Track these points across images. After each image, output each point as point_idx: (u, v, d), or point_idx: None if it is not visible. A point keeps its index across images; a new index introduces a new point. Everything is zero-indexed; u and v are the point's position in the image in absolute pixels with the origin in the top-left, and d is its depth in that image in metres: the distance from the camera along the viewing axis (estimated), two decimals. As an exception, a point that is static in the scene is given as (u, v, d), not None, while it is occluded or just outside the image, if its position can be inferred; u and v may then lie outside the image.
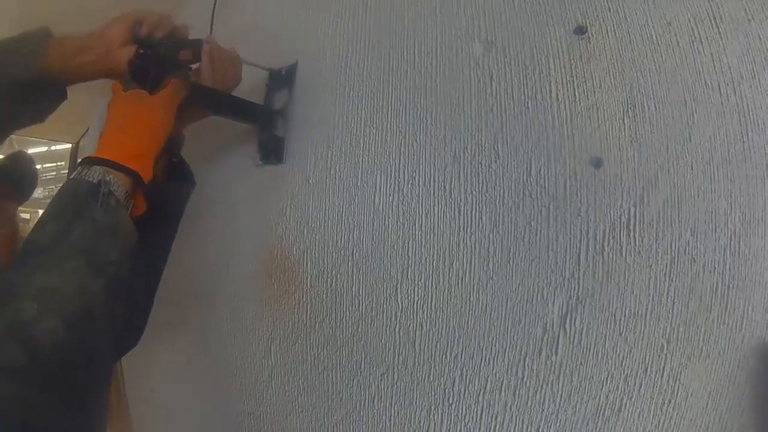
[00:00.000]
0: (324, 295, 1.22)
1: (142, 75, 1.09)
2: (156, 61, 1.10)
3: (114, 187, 0.95)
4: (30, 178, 1.14)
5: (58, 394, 0.80)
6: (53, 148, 7.24)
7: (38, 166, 1.19)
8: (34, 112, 1.15)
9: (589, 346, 0.84)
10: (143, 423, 2.25)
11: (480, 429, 0.95)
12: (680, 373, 0.77)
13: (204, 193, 1.32)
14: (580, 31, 0.90)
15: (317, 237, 1.26)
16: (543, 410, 0.88)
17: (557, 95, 0.91)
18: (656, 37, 0.83)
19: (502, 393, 0.92)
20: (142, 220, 1.08)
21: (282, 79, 1.43)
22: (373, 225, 1.14)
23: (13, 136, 1.20)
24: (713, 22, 0.78)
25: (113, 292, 0.92)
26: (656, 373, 0.78)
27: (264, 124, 1.42)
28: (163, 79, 1.10)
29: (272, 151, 1.41)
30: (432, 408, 1.02)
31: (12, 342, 0.76)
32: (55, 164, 7.31)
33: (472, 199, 0.99)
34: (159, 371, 1.96)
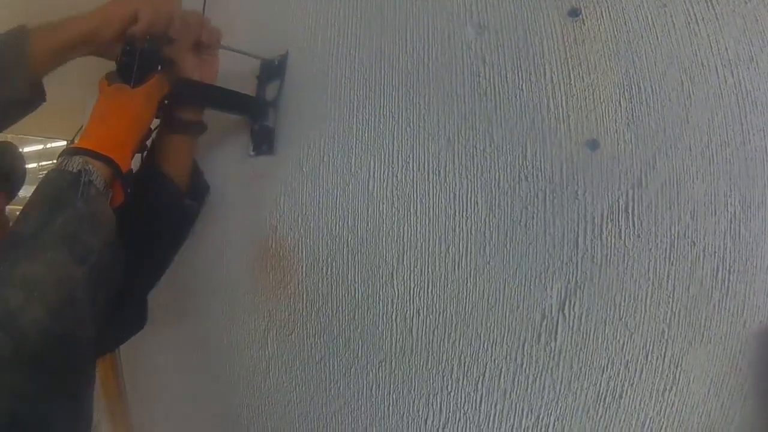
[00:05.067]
0: (320, 284, 1.22)
1: (127, 72, 1.09)
2: (140, 58, 1.10)
3: (94, 176, 0.97)
4: (18, 170, 1.14)
5: (44, 382, 0.81)
6: (49, 145, 7.26)
7: (35, 164, 1.20)
8: (17, 117, 1.14)
9: (588, 331, 0.84)
10: (142, 416, 2.26)
11: (479, 417, 0.95)
12: (682, 358, 0.77)
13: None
14: (574, 13, 0.89)
15: (312, 225, 1.25)
16: (543, 397, 0.88)
17: (552, 77, 0.90)
18: (651, 19, 0.82)
19: (501, 380, 0.92)
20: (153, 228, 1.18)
21: (273, 69, 1.42)
22: (368, 211, 1.13)
23: (8, 134, 1.19)
24: (709, 3, 0.78)
25: (95, 280, 0.93)
26: (657, 358, 0.78)
27: (255, 115, 1.42)
28: (147, 74, 1.12)
29: (264, 141, 1.40)
30: (431, 396, 1.01)
31: None
32: (51, 162, 7.31)
33: (467, 184, 0.98)
34: (156, 364, 1.96)
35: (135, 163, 1.12)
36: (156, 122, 1.19)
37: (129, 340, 1.31)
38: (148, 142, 1.18)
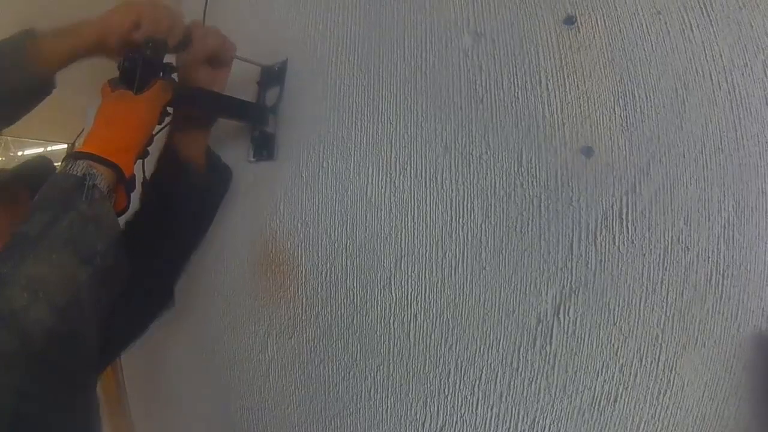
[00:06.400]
0: (319, 288, 1.23)
1: (130, 78, 1.10)
2: (143, 64, 1.10)
3: (98, 180, 0.97)
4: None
5: (47, 382, 0.82)
6: (50, 148, 7.25)
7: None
8: (27, 107, 1.15)
9: (583, 336, 0.84)
10: (142, 418, 2.26)
11: (476, 420, 0.95)
12: (676, 362, 0.77)
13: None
14: (570, 21, 0.90)
15: (311, 230, 1.26)
16: (538, 401, 0.88)
17: (547, 85, 0.91)
18: (646, 26, 0.83)
19: (498, 384, 0.92)
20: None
21: (273, 75, 1.43)
22: (366, 217, 1.14)
23: (8, 137, 1.20)
24: (704, 9, 0.78)
25: (99, 282, 0.94)
26: (652, 362, 0.78)
27: (256, 121, 1.43)
28: (149, 80, 1.12)
29: (264, 147, 1.41)
30: (428, 400, 1.02)
31: (2, 330, 0.78)
32: (51, 164, 7.29)
33: (464, 190, 0.99)
34: (157, 367, 1.96)
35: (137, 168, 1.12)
36: (157, 128, 1.20)
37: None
38: (150, 148, 1.18)
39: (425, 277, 1.03)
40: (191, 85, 1.25)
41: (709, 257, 0.75)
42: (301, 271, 1.27)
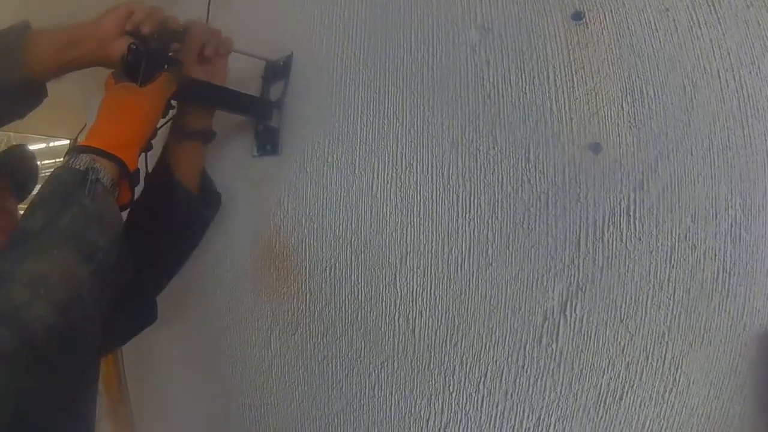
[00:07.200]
0: (323, 284, 1.22)
1: (134, 70, 1.09)
2: (147, 57, 1.10)
3: (101, 174, 0.96)
4: (29, 172, 1.14)
5: (48, 380, 0.82)
6: (52, 144, 7.25)
7: (37, 163, 1.18)
8: (15, 112, 1.14)
9: (589, 333, 0.84)
10: (144, 416, 2.26)
11: (481, 418, 0.95)
12: (682, 360, 0.77)
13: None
14: (578, 16, 0.89)
15: (315, 226, 1.26)
16: (544, 398, 0.88)
17: (555, 81, 0.90)
18: (654, 23, 0.82)
19: (503, 381, 0.92)
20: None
21: (278, 70, 1.43)
22: (371, 213, 1.14)
23: (11, 133, 1.19)
24: (712, 7, 0.78)
25: (101, 279, 0.93)
26: (658, 360, 0.78)
27: (260, 115, 1.43)
28: (154, 73, 1.11)
29: (268, 142, 1.41)
30: (432, 397, 1.02)
31: (3, 328, 0.77)
32: (53, 160, 7.30)
33: (471, 186, 0.98)
34: (159, 364, 1.96)
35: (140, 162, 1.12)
36: (161, 121, 1.20)
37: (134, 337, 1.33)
38: (154, 142, 1.18)
39: (431, 273, 1.03)
40: (186, 74, 1.23)
41: (715, 255, 0.75)
42: (305, 267, 1.27)
